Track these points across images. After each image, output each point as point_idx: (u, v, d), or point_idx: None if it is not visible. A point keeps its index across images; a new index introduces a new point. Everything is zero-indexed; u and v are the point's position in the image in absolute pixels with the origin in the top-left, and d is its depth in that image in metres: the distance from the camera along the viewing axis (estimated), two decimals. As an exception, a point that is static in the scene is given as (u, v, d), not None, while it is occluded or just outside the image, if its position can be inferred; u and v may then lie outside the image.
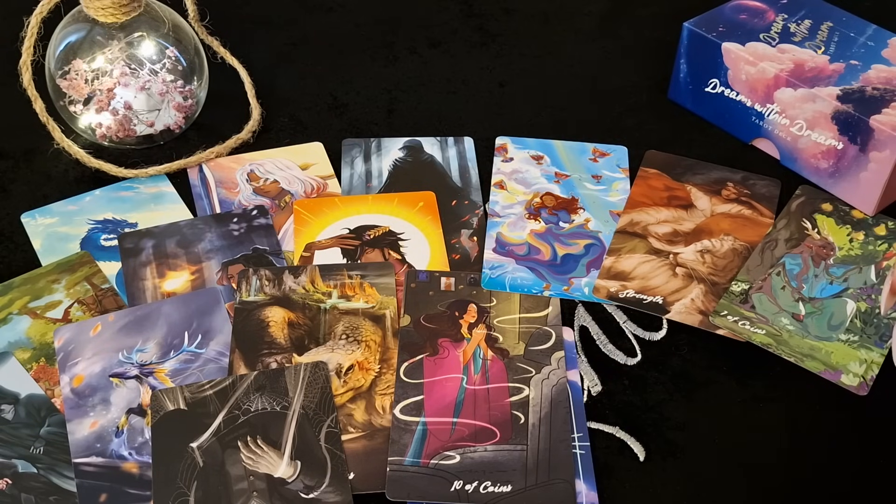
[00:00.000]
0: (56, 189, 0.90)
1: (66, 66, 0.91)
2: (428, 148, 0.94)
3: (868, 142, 0.84)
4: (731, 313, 0.78)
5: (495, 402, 0.71)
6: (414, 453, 0.68)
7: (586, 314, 0.79)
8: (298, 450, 0.67)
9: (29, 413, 0.70)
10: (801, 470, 0.70)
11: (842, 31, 0.94)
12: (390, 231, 0.85)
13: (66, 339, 0.75)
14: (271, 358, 0.73)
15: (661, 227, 0.86)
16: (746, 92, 0.92)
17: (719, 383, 0.75)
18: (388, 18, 1.13)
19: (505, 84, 1.04)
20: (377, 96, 1.02)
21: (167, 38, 0.92)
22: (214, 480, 0.66)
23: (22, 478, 0.66)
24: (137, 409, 0.70)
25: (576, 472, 0.67)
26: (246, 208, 0.87)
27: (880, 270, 0.82)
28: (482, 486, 0.65)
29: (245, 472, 0.66)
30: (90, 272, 0.81)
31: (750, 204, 0.88)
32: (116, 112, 0.91)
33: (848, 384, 0.74)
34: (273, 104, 0.99)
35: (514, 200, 0.88)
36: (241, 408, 0.69)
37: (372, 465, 0.68)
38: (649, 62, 1.06)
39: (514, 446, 0.68)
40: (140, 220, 0.86)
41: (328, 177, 0.91)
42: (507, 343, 0.75)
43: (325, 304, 0.78)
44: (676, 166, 0.92)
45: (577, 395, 0.72)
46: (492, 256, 0.82)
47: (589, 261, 0.82)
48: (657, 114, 1.00)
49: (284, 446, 0.67)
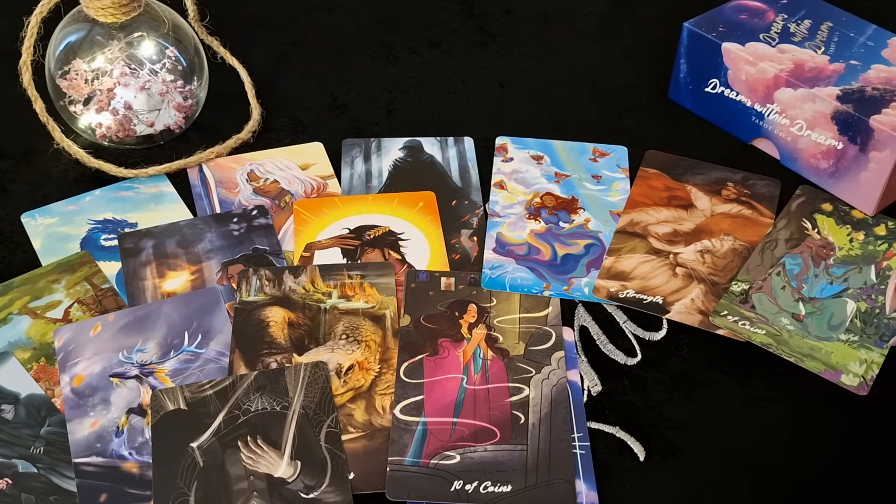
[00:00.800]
0: (56, 189, 0.90)
1: (66, 66, 0.91)
2: (428, 148, 0.94)
3: (868, 142, 0.84)
4: (731, 313, 0.78)
5: (495, 402, 0.71)
6: (414, 453, 0.68)
7: (586, 314, 0.79)
8: (298, 450, 0.67)
9: (29, 413, 0.70)
10: (801, 470, 0.70)
11: (842, 31, 0.94)
12: (390, 231, 0.85)
13: (66, 339, 0.75)
14: (271, 358, 0.73)
15: (661, 227, 0.86)
16: (746, 92, 0.92)
17: (719, 383, 0.75)
18: (388, 18, 1.13)
19: (505, 84, 1.04)
20: (377, 96, 1.02)
21: (167, 38, 0.92)
22: (214, 480, 0.66)
23: (22, 478, 0.66)
24: (137, 409, 0.70)
25: (576, 472, 0.67)
26: (246, 208, 0.87)
27: (880, 270, 0.82)
28: (482, 486, 0.65)
29: (245, 471, 0.66)
30: (90, 272, 0.81)
31: (750, 204, 0.88)
32: (116, 112, 0.91)
33: (848, 384, 0.74)
34: (273, 104, 0.99)
35: (514, 200, 0.88)
36: (242, 408, 0.69)
37: (372, 465, 0.68)
38: (649, 62, 1.06)
39: (514, 446, 0.68)
40: (140, 220, 0.86)
41: (328, 177, 0.91)
42: (507, 343, 0.75)
43: (325, 304, 0.78)
44: (676, 166, 0.92)
45: (577, 395, 0.72)
46: (492, 256, 0.82)
47: (589, 261, 0.82)
48: (657, 114, 1.00)
49: (284, 446, 0.67)
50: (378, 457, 0.68)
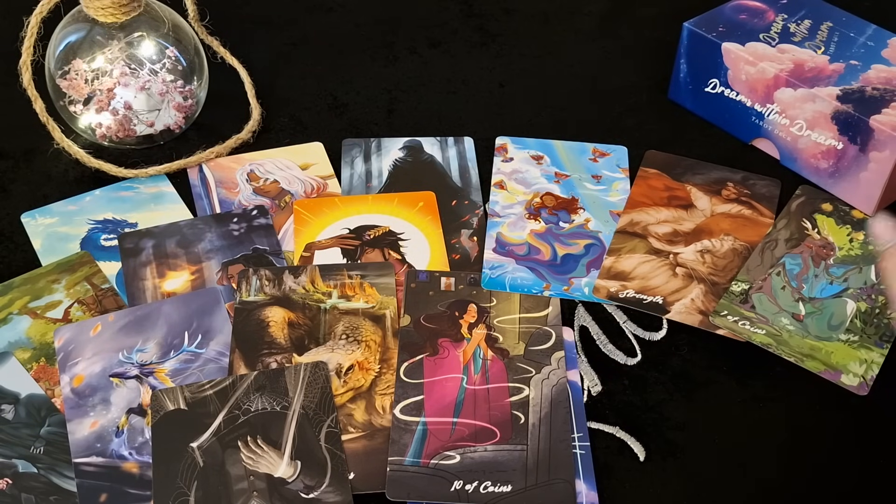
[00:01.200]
0: (56, 189, 0.90)
1: (66, 66, 0.91)
2: (428, 148, 0.94)
3: (868, 142, 0.84)
4: (731, 313, 0.78)
5: (495, 402, 0.71)
6: (414, 453, 0.68)
7: (586, 314, 0.79)
8: (298, 450, 0.67)
9: (29, 413, 0.70)
10: (802, 470, 0.70)
11: (842, 31, 0.94)
12: (390, 231, 0.85)
13: (66, 339, 0.75)
14: (271, 358, 0.73)
15: (661, 227, 0.86)
16: (746, 92, 0.92)
17: (719, 383, 0.75)
18: (388, 18, 1.13)
19: (505, 84, 1.04)
20: (377, 96, 1.02)
21: (167, 38, 0.92)
22: (214, 480, 0.66)
23: (22, 478, 0.66)
24: (137, 409, 0.70)
25: (576, 472, 0.67)
26: (246, 208, 0.87)
27: (880, 271, 0.82)
28: (482, 486, 0.65)
29: (245, 472, 0.66)
30: (90, 272, 0.81)
31: (750, 204, 0.88)
32: (116, 112, 0.91)
33: (848, 384, 0.74)
34: (273, 104, 0.99)
35: (514, 200, 0.88)
36: (242, 408, 0.69)
37: (372, 465, 0.68)
38: (649, 62, 1.06)
39: (514, 446, 0.68)
40: (140, 220, 0.86)
41: (328, 177, 0.91)
42: (507, 343, 0.75)
43: (325, 304, 0.78)
44: (676, 166, 0.92)
45: (577, 395, 0.72)
46: (492, 256, 0.82)
47: (589, 261, 0.82)
48: (657, 114, 1.00)
49: (284, 446, 0.67)
50: (378, 457, 0.68)
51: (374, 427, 0.70)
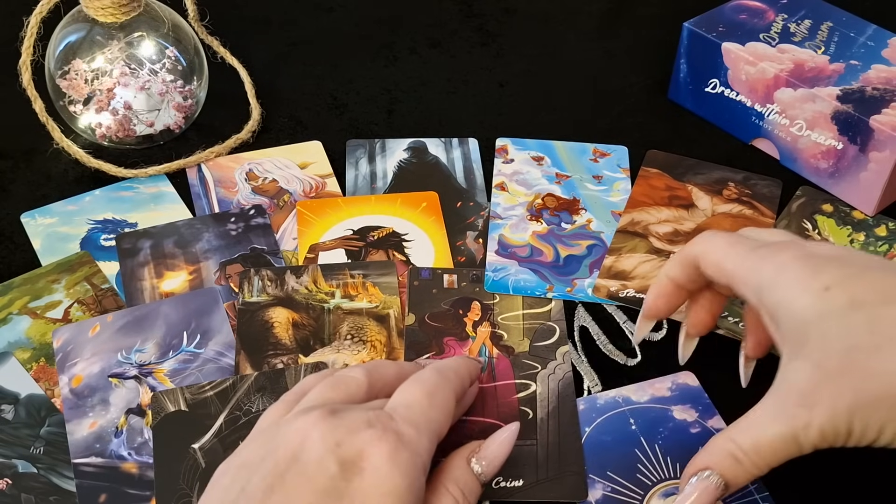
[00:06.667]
0: (56, 189, 0.89)
1: (66, 66, 0.90)
2: (432, 149, 0.94)
3: (868, 142, 0.84)
4: (731, 313, 0.78)
5: (503, 399, 0.71)
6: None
7: (586, 314, 0.79)
8: (300, 450, 0.67)
9: (29, 413, 0.70)
10: (801, 470, 0.70)
11: (842, 31, 0.94)
12: (394, 232, 0.85)
13: (64, 340, 0.75)
14: (277, 359, 0.73)
15: (661, 226, 0.86)
16: (746, 92, 0.92)
17: (719, 384, 0.75)
18: (388, 18, 1.13)
19: (505, 84, 1.04)
20: (377, 96, 1.02)
21: (167, 38, 0.92)
22: (216, 481, 0.65)
23: (22, 478, 0.66)
24: (136, 410, 0.70)
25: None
26: (243, 208, 0.87)
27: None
28: (494, 482, 0.65)
29: (247, 472, 0.66)
30: (90, 272, 0.80)
31: (751, 204, 0.88)
32: (116, 112, 0.91)
33: (850, 384, 0.73)
34: (273, 104, 0.99)
35: (515, 202, 0.88)
36: (243, 409, 0.69)
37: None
38: (649, 62, 1.06)
39: (523, 441, 0.68)
40: (140, 220, 0.86)
41: (327, 175, 0.91)
42: (512, 340, 0.75)
43: (328, 304, 0.77)
44: (678, 166, 0.92)
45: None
46: (494, 259, 0.82)
47: (592, 261, 0.82)
48: (657, 114, 1.00)
49: (286, 447, 0.67)
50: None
51: (376, 427, 0.70)
